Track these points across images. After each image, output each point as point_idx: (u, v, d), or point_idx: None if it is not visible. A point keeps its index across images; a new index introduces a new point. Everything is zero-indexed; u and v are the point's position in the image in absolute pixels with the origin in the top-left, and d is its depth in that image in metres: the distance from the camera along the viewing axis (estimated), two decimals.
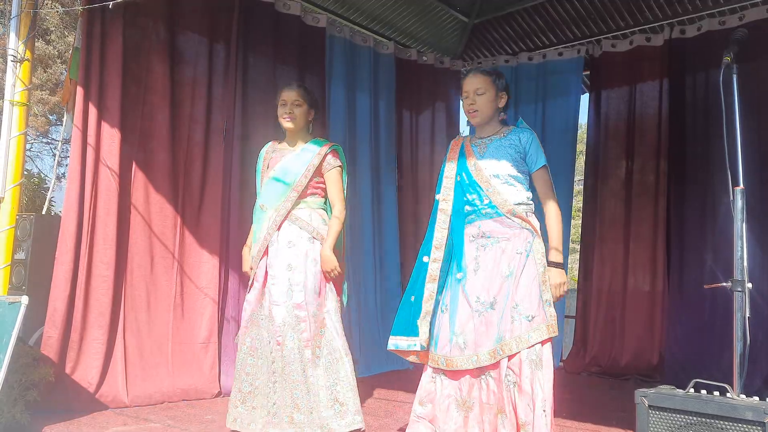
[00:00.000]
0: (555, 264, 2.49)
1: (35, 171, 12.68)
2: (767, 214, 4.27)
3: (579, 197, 7.56)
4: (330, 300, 3.01)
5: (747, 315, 2.15)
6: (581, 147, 6.82)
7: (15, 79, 3.25)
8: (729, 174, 2.25)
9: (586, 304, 5.31)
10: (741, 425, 1.88)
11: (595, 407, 3.45)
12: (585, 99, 5.75)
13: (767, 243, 4.21)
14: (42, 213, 4.54)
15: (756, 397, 1.96)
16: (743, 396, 2.00)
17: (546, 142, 4.82)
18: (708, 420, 1.94)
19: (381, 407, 3.71)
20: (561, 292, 2.48)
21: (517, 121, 2.73)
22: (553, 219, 2.56)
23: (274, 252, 2.99)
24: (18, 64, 3.25)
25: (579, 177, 6.39)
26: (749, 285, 2.18)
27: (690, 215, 4.76)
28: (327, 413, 2.84)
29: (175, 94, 3.99)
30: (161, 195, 3.89)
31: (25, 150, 3.41)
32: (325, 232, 3.04)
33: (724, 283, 2.23)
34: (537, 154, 2.60)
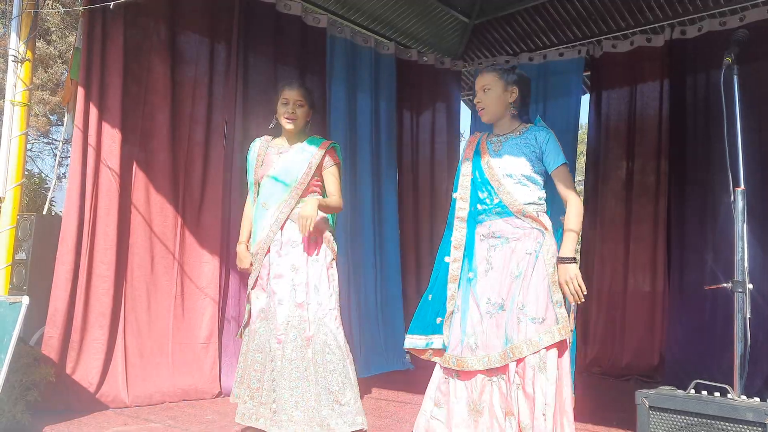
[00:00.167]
0: (564, 260, 2.40)
1: (36, 171, 12.68)
2: None
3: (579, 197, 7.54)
4: (332, 300, 3.01)
5: (748, 316, 2.14)
6: (582, 147, 6.84)
7: (16, 80, 3.25)
8: (730, 174, 2.25)
9: (586, 304, 5.30)
10: (741, 426, 1.88)
11: (596, 408, 3.45)
12: (586, 99, 5.75)
13: None
14: (43, 213, 4.55)
15: (757, 398, 1.96)
16: (744, 397, 2.00)
17: None
18: (709, 421, 1.94)
19: (381, 407, 3.71)
20: (574, 286, 2.36)
21: (535, 120, 2.68)
22: (573, 214, 2.46)
23: (276, 251, 3.00)
24: (19, 64, 3.25)
25: (579, 177, 6.40)
26: (750, 286, 2.17)
27: (690, 216, 4.76)
28: (327, 413, 2.84)
29: (176, 94, 3.99)
30: (162, 195, 3.89)
31: (26, 150, 3.41)
32: (326, 230, 3.06)
33: (724, 284, 2.23)
34: (555, 152, 2.53)
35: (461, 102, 6.32)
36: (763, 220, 4.23)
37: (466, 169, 2.68)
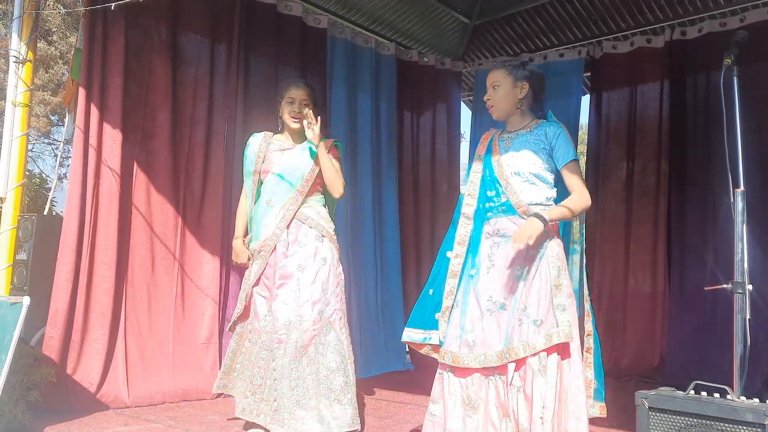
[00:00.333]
0: (537, 215, 2.36)
1: (37, 172, 12.71)
2: None
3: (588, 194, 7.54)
4: (336, 300, 3.02)
5: (747, 317, 2.14)
6: (582, 148, 6.84)
7: (17, 80, 3.25)
8: (729, 175, 2.25)
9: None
10: (741, 427, 1.88)
11: None
12: (586, 100, 5.76)
13: None
14: (44, 213, 4.56)
15: (756, 399, 1.96)
16: (743, 398, 2.00)
17: None
18: (708, 422, 1.94)
19: (382, 407, 3.71)
20: (523, 234, 2.31)
21: (547, 114, 2.64)
22: (575, 197, 2.43)
23: (283, 252, 3.00)
24: (20, 65, 3.25)
25: None
26: (750, 287, 2.17)
27: (690, 216, 4.76)
28: (326, 412, 2.85)
29: (177, 94, 4.00)
30: (162, 195, 3.90)
31: (27, 151, 3.41)
32: (331, 229, 3.09)
33: (724, 285, 2.23)
34: (566, 148, 2.48)
35: (462, 102, 6.32)
36: (763, 221, 4.23)
37: (477, 167, 2.68)
